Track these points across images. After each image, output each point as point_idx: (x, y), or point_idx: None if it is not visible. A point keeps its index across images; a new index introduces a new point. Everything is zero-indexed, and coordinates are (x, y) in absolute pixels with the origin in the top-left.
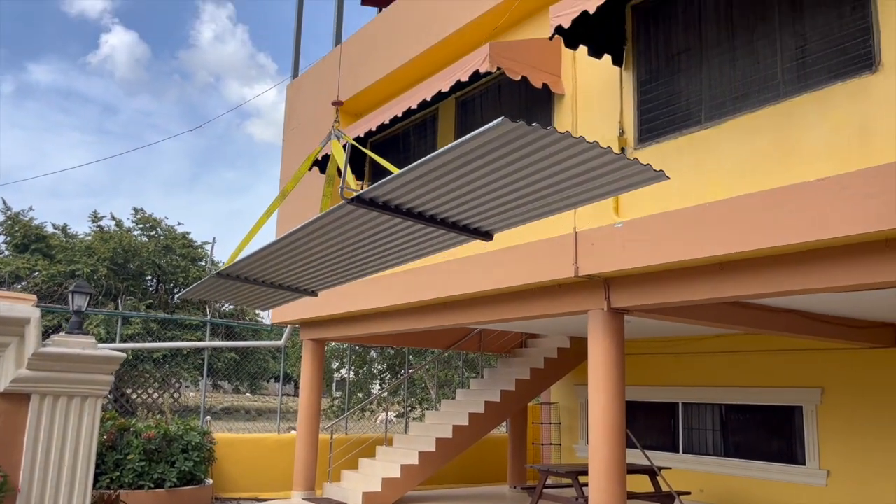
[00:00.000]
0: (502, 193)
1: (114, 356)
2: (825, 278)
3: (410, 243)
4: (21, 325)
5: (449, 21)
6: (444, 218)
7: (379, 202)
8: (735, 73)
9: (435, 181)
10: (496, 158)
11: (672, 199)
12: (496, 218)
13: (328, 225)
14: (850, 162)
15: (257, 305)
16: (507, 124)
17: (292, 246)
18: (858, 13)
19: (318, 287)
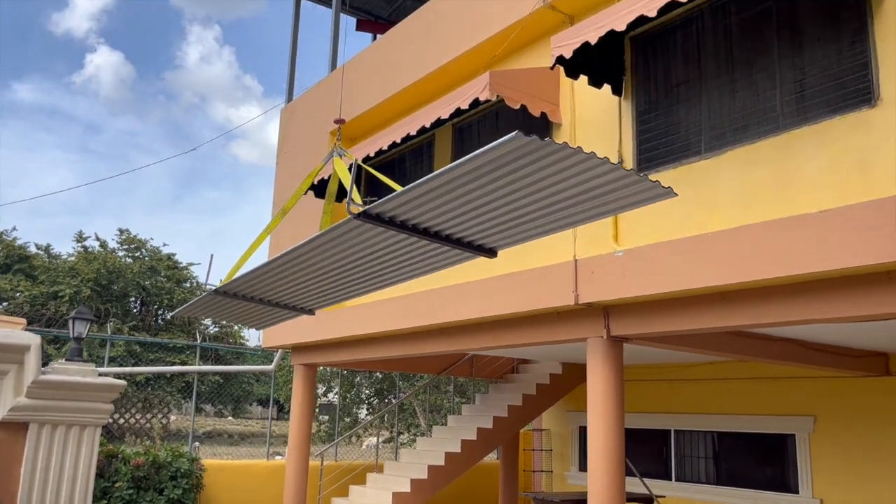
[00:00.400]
0: (510, 210)
1: (115, 384)
2: (827, 309)
3: (413, 260)
4: (21, 352)
5: (447, 49)
6: (450, 234)
7: (385, 218)
8: (734, 105)
9: (443, 196)
10: (506, 174)
11: (671, 228)
12: (501, 235)
13: (332, 241)
14: (850, 194)
15: (252, 324)
16: (520, 139)
17: (294, 262)
18: (857, 48)
19: (316, 305)
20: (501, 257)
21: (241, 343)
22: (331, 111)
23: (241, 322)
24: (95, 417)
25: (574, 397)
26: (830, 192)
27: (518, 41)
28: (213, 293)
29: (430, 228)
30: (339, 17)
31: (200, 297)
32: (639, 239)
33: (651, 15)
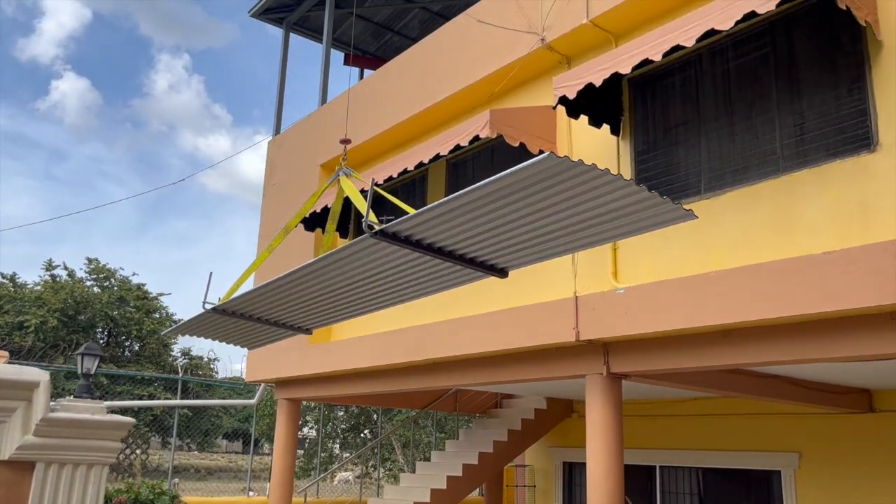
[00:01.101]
0: (527, 230)
1: (124, 421)
2: (830, 349)
3: (420, 280)
4: (30, 389)
5: (444, 85)
6: (463, 254)
7: (401, 236)
8: (734, 147)
9: (464, 216)
10: (529, 194)
11: (672, 266)
12: (515, 255)
13: (346, 258)
14: (852, 236)
15: (246, 343)
16: (553, 159)
17: (302, 280)
18: (856, 95)
19: (314, 324)
20: (499, 292)
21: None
22: (320, 145)
23: (234, 342)
24: (103, 456)
25: (558, 433)
26: (831, 234)
27: (515, 79)
28: (211, 311)
29: (444, 247)
30: (329, 53)
31: (197, 315)
32: (638, 276)
33: (656, 59)
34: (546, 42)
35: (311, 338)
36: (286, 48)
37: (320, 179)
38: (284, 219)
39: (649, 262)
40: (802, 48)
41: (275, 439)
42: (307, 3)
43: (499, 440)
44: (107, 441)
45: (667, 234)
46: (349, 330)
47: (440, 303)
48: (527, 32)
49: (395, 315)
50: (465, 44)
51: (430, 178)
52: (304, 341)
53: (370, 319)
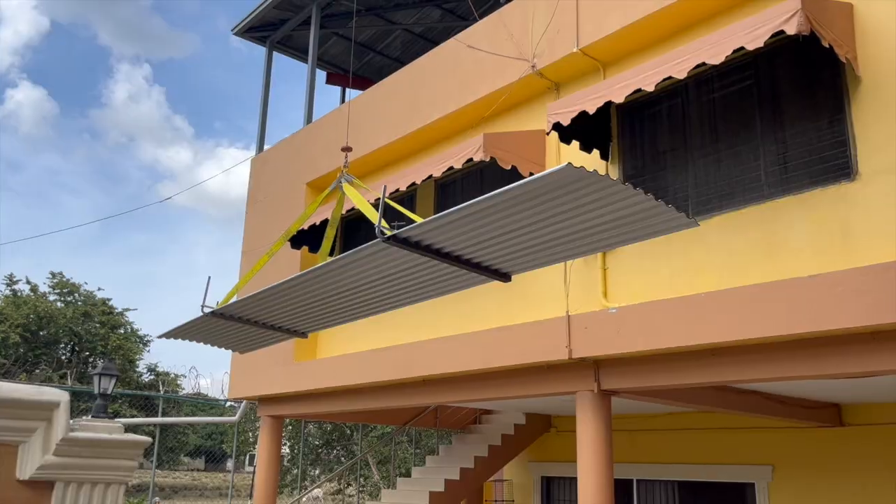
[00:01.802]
0: (534, 236)
1: (140, 440)
2: (816, 367)
3: (423, 284)
4: (50, 409)
5: (436, 106)
6: (469, 258)
7: (412, 241)
8: (720, 173)
9: (474, 222)
10: (542, 202)
11: (661, 287)
12: (519, 260)
13: (353, 262)
14: (834, 260)
15: (238, 347)
16: (570, 169)
17: (304, 284)
18: (836, 127)
19: (310, 328)
20: (489, 312)
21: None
22: (306, 163)
23: (225, 345)
24: (121, 475)
25: (536, 448)
26: (814, 258)
27: (505, 103)
28: (209, 315)
29: (452, 252)
30: (314, 73)
31: (195, 318)
32: (629, 297)
33: (649, 89)
34: (537, 69)
35: (296, 355)
36: (269, 67)
37: (307, 197)
38: (269, 235)
39: (639, 282)
40: (785, 81)
41: (258, 456)
42: (291, 23)
43: (479, 455)
44: (124, 460)
45: (656, 256)
46: (335, 347)
47: (428, 322)
48: (518, 59)
49: (383, 333)
50: (456, 67)
51: (419, 196)
52: (290, 359)
53: (357, 337)
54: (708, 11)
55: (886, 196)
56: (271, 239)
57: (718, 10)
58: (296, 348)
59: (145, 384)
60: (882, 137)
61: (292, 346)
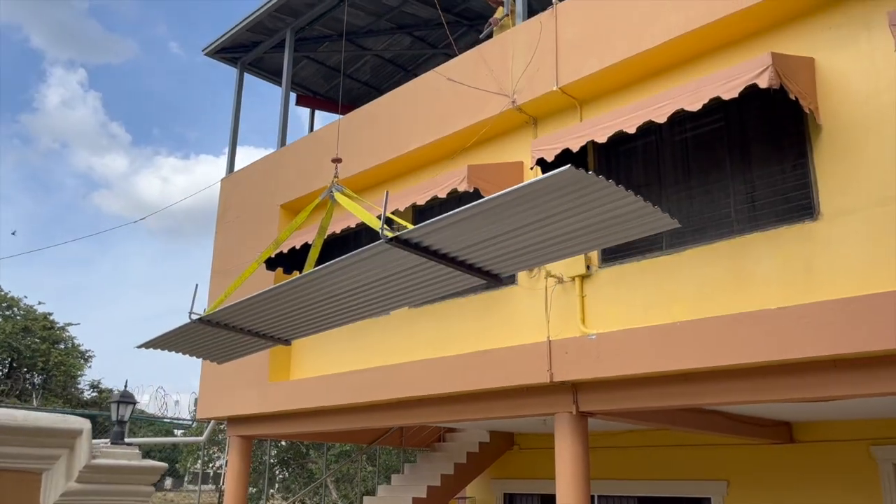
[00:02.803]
0: (530, 237)
1: (157, 466)
2: (781, 392)
3: (417, 286)
4: (73, 437)
5: (414, 137)
6: (464, 260)
7: (412, 243)
8: (692, 209)
9: (476, 224)
10: (538, 205)
11: (637, 315)
12: (511, 261)
13: (354, 264)
14: (799, 293)
15: (217, 357)
16: (573, 171)
17: (301, 288)
18: (799, 170)
19: (294, 335)
20: (469, 334)
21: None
22: (280, 186)
23: (206, 355)
24: (139, 500)
25: (499, 465)
26: (781, 290)
27: (484, 134)
28: (196, 321)
29: (448, 254)
30: (287, 97)
31: (181, 325)
32: (605, 324)
33: (631, 132)
34: (516, 104)
35: (271, 375)
36: (240, 88)
37: (281, 219)
38: (240, 255)
39: (616, 310)
40: (753, 125)
41: (226, 476)
42: (264, 45)
43: (446, 473)
44: (142, 486)
45: (632, 286)
46: (309, 368)
47: (405, 345)
48: (498, 94)
49: (359, 355)
50: (436, 99)
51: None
52: (264, 379)
53: (333, 359)
54: (680, 58)
55: (846, 235)
56: (243, 259)
57: (689, 57)
58: (270, 368)
59: (87, 402)
60: (841, 182)
61: (266, 366)
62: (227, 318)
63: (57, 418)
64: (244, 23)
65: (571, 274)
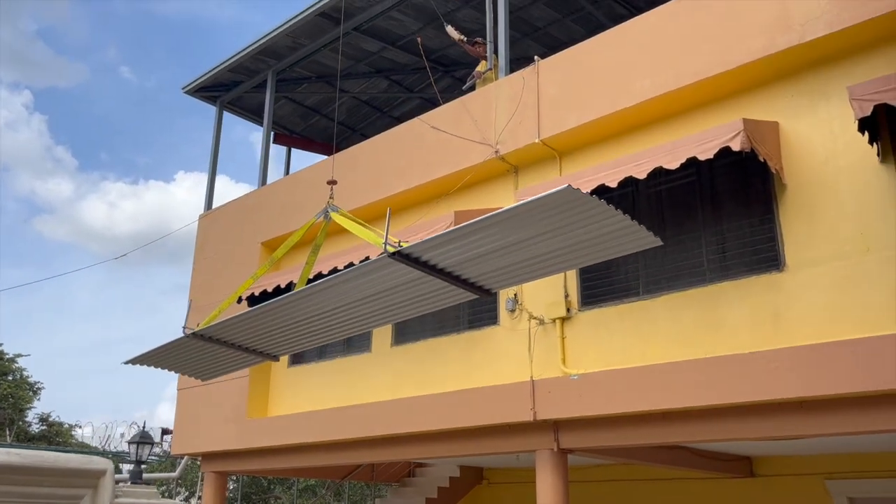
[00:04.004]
0: (523, 254)
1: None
2: (753, 430)
3: (410, 301)
4: (97, 477)
5: (398, 181)
6: (458, 275)
7: (412, 257)
8: (666, 258)
9: (473, 240)
10: (536, 221)
11: (615, 357)
12: (503, 277)
13: (356, 277)
14: (768, 339)
15: (203, 374)
16: (570, 191)
17: (298, 302)
18: (766, 224)
19: (283, 351)
20: (452, 373)
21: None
22: (261, 224)
23: (191, 372)
24: None
25: (469, 500)
26: (751, 336)
27: (469, 181)
28: (190, 336)
29: (444, 269)
30: (269, 137)
31: (174, 339)
32: (585, 364)
33: (612, 186)
34: (500, 154)
35: (249, 411)
36: (219, 126)
37: (261, 257)
38: (218, 291)
39: (595, 351)
40: (723, 182)
41: None
42: (244, 85)
43: None
44: None
45: (610, 329)
46: (287, 405)
47: (389, 383)
48: (481, 143)
49: (339, 391)
50: (421, 145)
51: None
52: (242, 415)
53: (313, 396)
54: (654, 117)
55: (810, 286)
56: (220, 293)
57: (662, 117)
58: (248, 404)
59: (35, 435)
60: (805, 236)
61: (244, 402)
62: (220, 333)
63: (83, 459)
64: (226, 63)
65: (552, 316)
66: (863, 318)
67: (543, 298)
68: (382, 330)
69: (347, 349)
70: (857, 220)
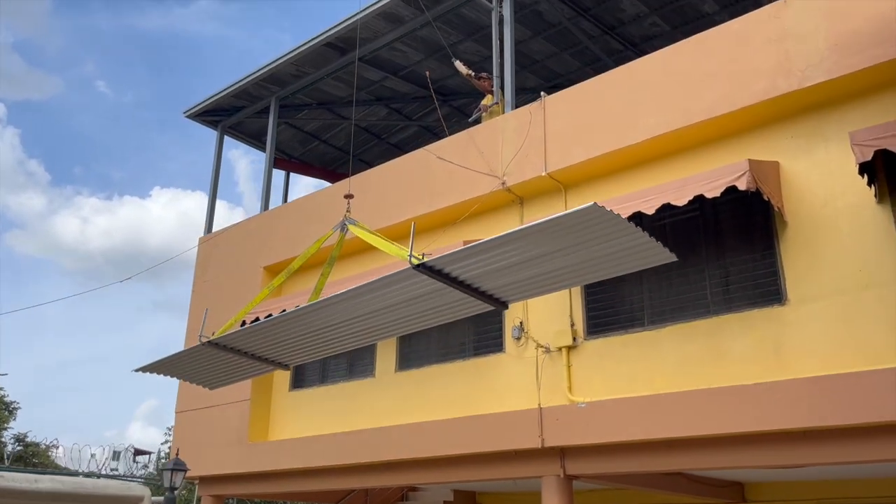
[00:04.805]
0: (541, 268)
1: None
2: (755, 458)
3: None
4: (135, 503)
5: (403, 209)
6: (478, 287)
7: (436, 269)
8: (672, 290)
9: (495, 254)
10: (558, 237)
11: (621, 385)
12: (520, 289)
13: (380, 288)
14: (770, 370)
15: (213, 383)
16: (596, 208)
17: (319, 311)
18: (768, 260)
19: (296, 360)
20: (458, 400)
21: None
22: (264, 248)
23: (202, 381)
24: None
25: None
26: (754, 367)
27: (475, 210)
28: (206, 344)
29: (464, 281)
30: (272, 162)
31: (190, 348)
32: (591, 393)
33: None
34: (506, 185)
35: (251, 435)
36: (220, 150)
37: (264, 280)
38: (219, 314)
39: (600, 380)
40: (726, 217)
41: None
42: (247, 111)
43: None
44: None
45: (616, 358)
46: (292, 429)
47: (394, 407)
48: (488, 174)
49: (342, 418)
50: (428, 175)
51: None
52: (244, 438)
53: (314, 421)
54: (658, 153)
55: (811, 320)
56: (222, 316)
57: (666, 153)
58: (250, 428)
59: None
60: (805, 272)
61: (246, 425)
62: (235, 342)
63: (121, 485)
64: (229, 89)
65: (558, 344)
66: (862, 352)
67: (549, 327)
68: (386, 355)
69: (350, 374)
70: (856, 257)
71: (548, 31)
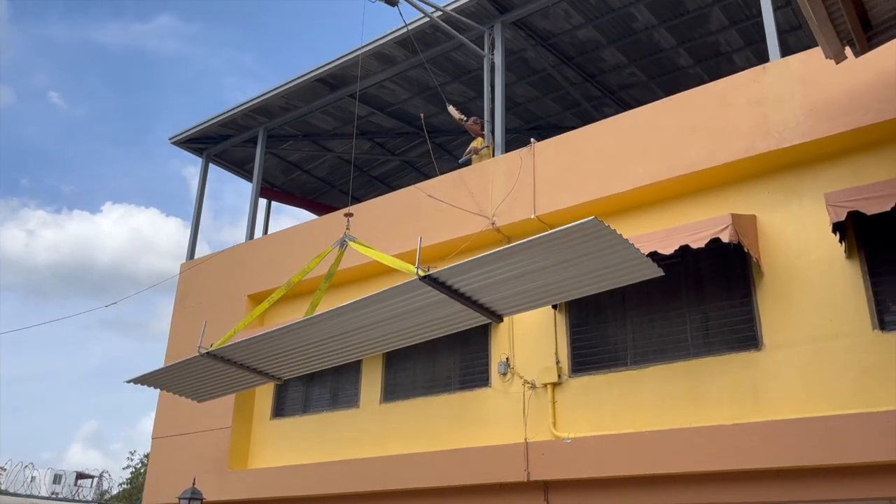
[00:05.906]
0: (536, 282)
1: None
2: (731, 495)
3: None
4: None
5: (393, 244)
6: (476, 300)
7: (440, 281)
8: (654, 332)
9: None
10: (551, 252)
11: (605, 422)
12: (516, 302)
13: (384, 299)
14: (747, 412)
15: (203, 396)
16: (595, 223)
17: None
18: (745, 307)
19: (288, 373)
20: (443, 433)
21: None
22: (248, 276)
23: (190, 394)
24: None
25: None
26: (731, 408)
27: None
28: (203, 356)
29: (465, 293)
30: (258, 192)
31: (187, 359)
32: (575, 429)
33: None
34: (496, 226)
35: (231, 463)
36: (205, 176)
37: (247, 307)
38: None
39: (584, 416)
40: (706, 266)
41: None
42: (233, 139)
43: None
44: None
45: (600, 396)
46: (272, 458)
47: (375, 437)
48: (478, 214)
49: (329, 447)
50: (417, 212)
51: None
52: (223, 466)
53: (296, 449)
54: (643, 202)
55: (786, 365)
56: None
57: (651, 202)
58: (230, 456)
59: None
60: (780, 320)
61: (226, 453)
62: (235, 354)
63: None
64: (217, 118)
65: (544, 381)
66: (831, 397)
67: (535, 363)
68: (371, 386)
69: (334, 403)
70: (827, 308)
71: (532, 76)
